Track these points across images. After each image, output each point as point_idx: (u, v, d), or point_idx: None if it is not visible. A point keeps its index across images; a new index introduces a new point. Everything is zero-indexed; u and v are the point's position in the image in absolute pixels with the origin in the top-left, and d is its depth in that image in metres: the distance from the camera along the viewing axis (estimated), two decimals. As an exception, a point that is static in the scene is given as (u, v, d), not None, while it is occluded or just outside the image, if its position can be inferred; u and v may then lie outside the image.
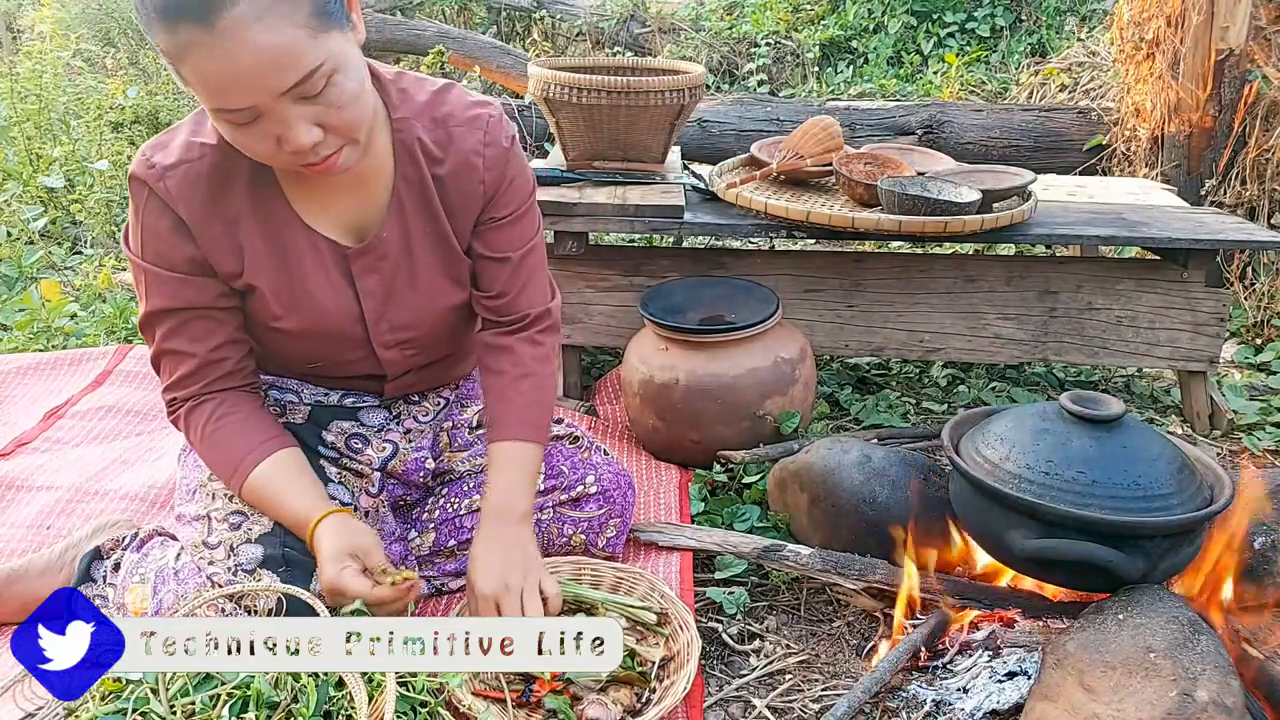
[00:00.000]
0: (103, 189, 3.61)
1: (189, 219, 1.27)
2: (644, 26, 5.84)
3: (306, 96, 1.10)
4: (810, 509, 1.71)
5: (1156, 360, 2.33)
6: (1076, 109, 3.48)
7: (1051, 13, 5.34)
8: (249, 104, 1.08)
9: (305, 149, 1.13)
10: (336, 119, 1.14)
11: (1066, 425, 1.44)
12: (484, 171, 1.37)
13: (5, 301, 2.90)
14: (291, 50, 1.06)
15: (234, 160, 1.25)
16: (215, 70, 1.05)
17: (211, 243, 1.29)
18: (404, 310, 1.41)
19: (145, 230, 1.28)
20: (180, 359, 1.34)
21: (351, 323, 1.39)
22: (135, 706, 1.06)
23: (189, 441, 1.40)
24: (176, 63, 1.06)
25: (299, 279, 1.34)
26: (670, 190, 2.25)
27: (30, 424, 2.14)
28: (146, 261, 1.30)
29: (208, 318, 1.34)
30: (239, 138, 1.14)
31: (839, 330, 2.35)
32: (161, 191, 1.25)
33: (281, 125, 1.11)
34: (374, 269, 1.37)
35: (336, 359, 1.45)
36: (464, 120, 1.36)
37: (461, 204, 1.38)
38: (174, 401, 1.38)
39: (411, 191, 1.36)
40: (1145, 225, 2.19)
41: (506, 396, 1.45)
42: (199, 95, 1.09)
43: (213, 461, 1.38)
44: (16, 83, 3.95)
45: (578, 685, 1.34)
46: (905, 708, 1.40)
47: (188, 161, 1.25)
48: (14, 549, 1.72)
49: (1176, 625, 1.24)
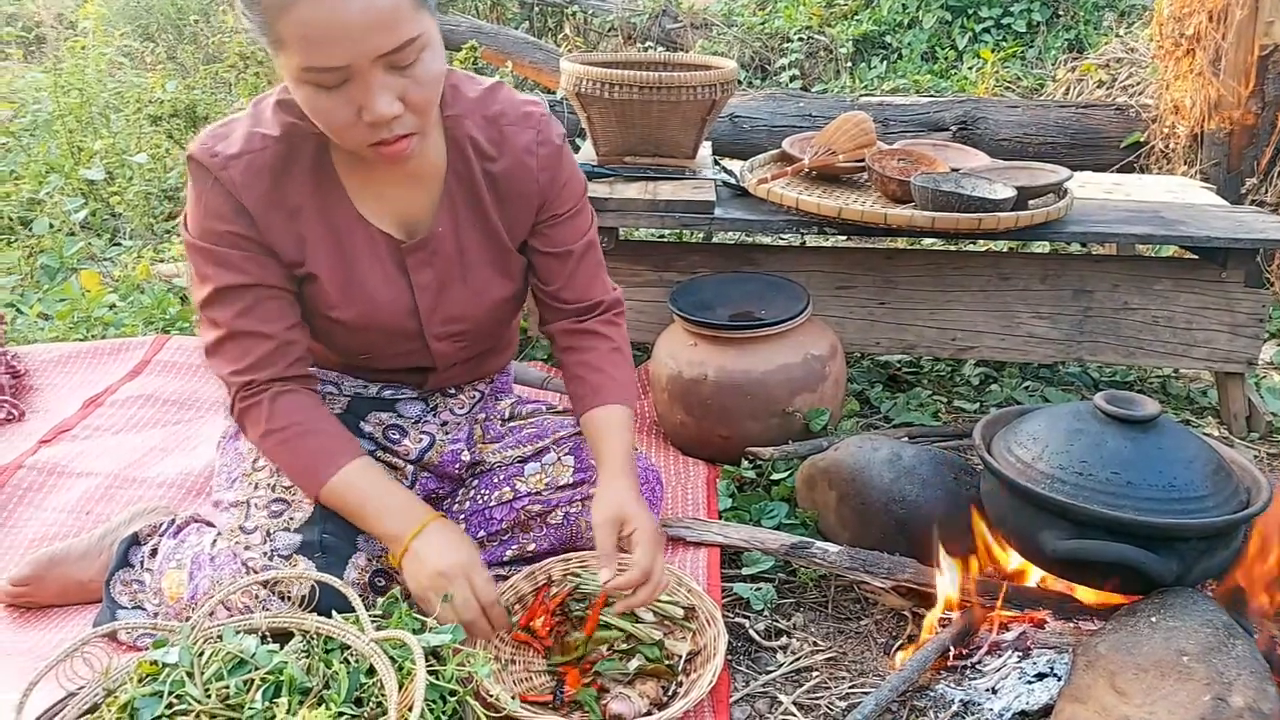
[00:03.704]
0: (141, 181, 3.66)
1: (252, 208, 1.27)
2: (676, 22, 5.83)
3: (397, 67, 1.12)
4: (839, 506, 1.71)
5: (1193, 361, 2.29)
6: (1114, 106, 3.43)
7: (1089, 8, 5.26)
8: (345, 62, 1.09)
9: (385, 120, 1.14)
10: (418, 95, 1.15)
11: (1101, 425, 1.42)
12: (538, 171, 1.39)
13: (47, 291, 2.95)
14: (397, 13, 1.09)
15: (296, 151, 1.27)
16: (323, 20, 1.06)
17: (274, 232, 1.30)
18: (455, 303, 1.44)
19: (209, 213, 1.27)
20: (255, 340, 1.31)
21: (406, 315, 1.41)
22: (171, 689, 1.08)
23: (256, 431, 1.34)
24: (280, 14, 1.07)
25: (356, 271, 1.36)
26: (701, 186, 2.25)
27: (70, 411, 2.18)
28: (210, 242, 1.28)
29: (279, 298, 1.33)
30: (321, 103, 1.14)
31: (870, 327, 2.34)
32: (226, 181, 1.26)
33: (367, 93, 1.12)
34: (428, 263, 1.39)
35: (389, 350, 1.46)
36: (516, 119, 1.38)
37: (514, 201, 1.40)
38: (250, 385, 1.32)
39: (462, 187, 1.38)
40: (1183, 224, 2.16)
41: (602, 367, 1.48)
42: (293, 52, 1.09)
43: (289, 458, 1.34)
44: (60, 78, 4.02)
45: (605, 678, 1.35)
46: (933, 707, 1.39)
47: (251, 152, 1.26)
48: (55, 533, 1.75)
49: (1211, 629, 1.23)
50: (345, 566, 1.36)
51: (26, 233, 3.40)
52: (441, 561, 1.28)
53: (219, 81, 5.03)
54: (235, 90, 4.97)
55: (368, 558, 1.39)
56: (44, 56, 5.69)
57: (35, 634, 1.53)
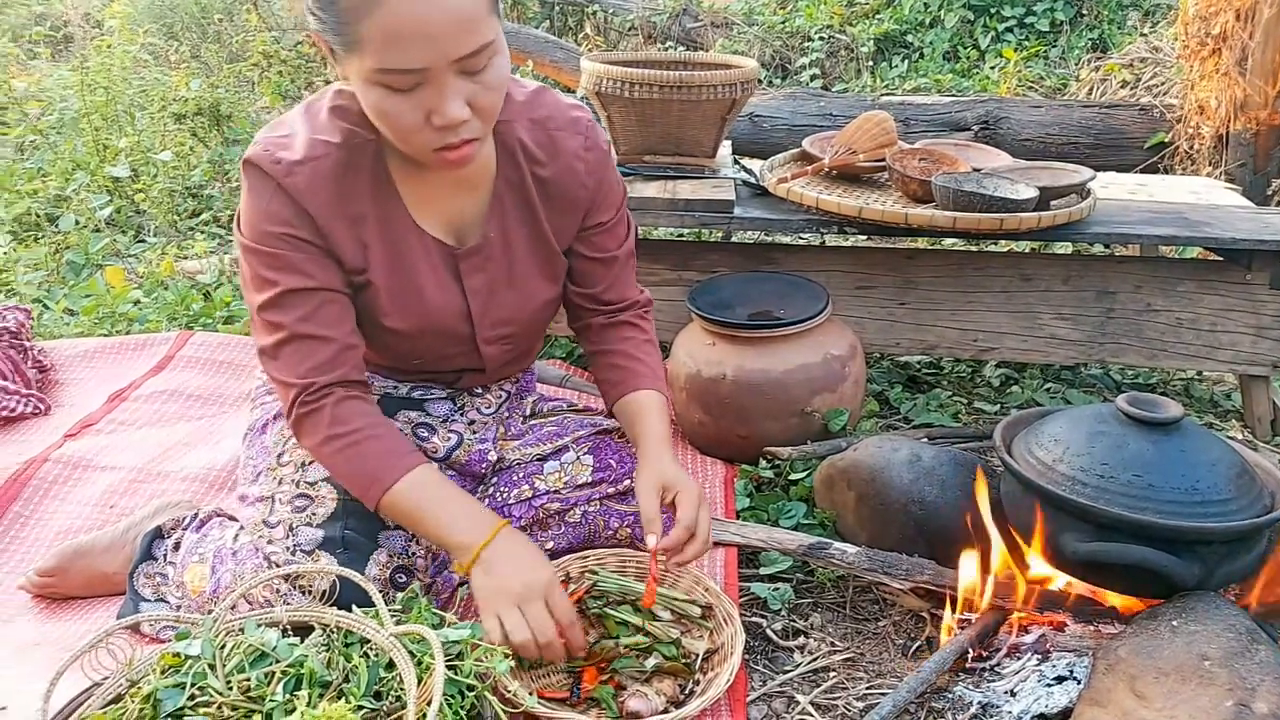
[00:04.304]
0: (166, 179, 3.70)
1: (317, 215, 1.27)
2: (696, 21, 5.83)
3: (469, 72, 1.13)
4: (857, 507, 1.71)
5: (1217, 364, 2.27)
6: (1138, 106, 3.40)
7: (1113, 7, 5.22)
8: (424, 64, 1.10)
9: (455, 124, 1.15)
10: (486, 101, 1.17)
11: (1123, 427, 1.41)
12: (586, 176, 1.40)
13: (72, 287, 2.99)
14: (476, 18, 1.10)
15: (356, 158, 1.28)
16: (408, 20, 1.07)
17: (337, 238, 1.29)
18: (505, 307, 1.45)
19: (271, 218, 1.26)
20: (317, 344, 1.29)
21: (459, 320, 1.42)
22: (193, 681, 1.09)
23: (316, 436, 1.30)
24: (362, 15, 1.07)
25: (412, 278, 1.36)
26: (721, 185, 2.25)
27: (95, 406, 2.20)
28: (270, 246, 1.27)
29: (339, 302, 1.32)
30: (391, 106, 1.14)
31: (890, 327, 2.33)
32: (290, 188, 1.25)
33: (439, 96, 1.13)
34: (481, 269, 1.40)
35: (439, 354, 1.48)
36: (564, 124, 1.39)
37: (563, 205, 1.42)
38: (310, 389, 1.29)
39: (512, 192, 1.39)
40: (1208, 225, 2.14)
41: (637, 356, 1.51)
42: (369, 53, 1.09)
43: (351, 464, 1.31)
44: (87, 76, 4.07)
45: (622, 675, 1.36)
46: (951, 709, 1.38)
47: (314, 159, 1.26)
48: (80, 526, 1.78)
49: (1234, 634, 1.22)
50: (366, 562, 1.38)
51: (53, 229, 3.44)
52: (518, 578, 1.26)
53: (242, 80, 5.08)
54: (258, 89, 5.02)
55: (389, 554, 1.40)
56: (71, 55, 5.75)
57: (61, 625, 1.55)
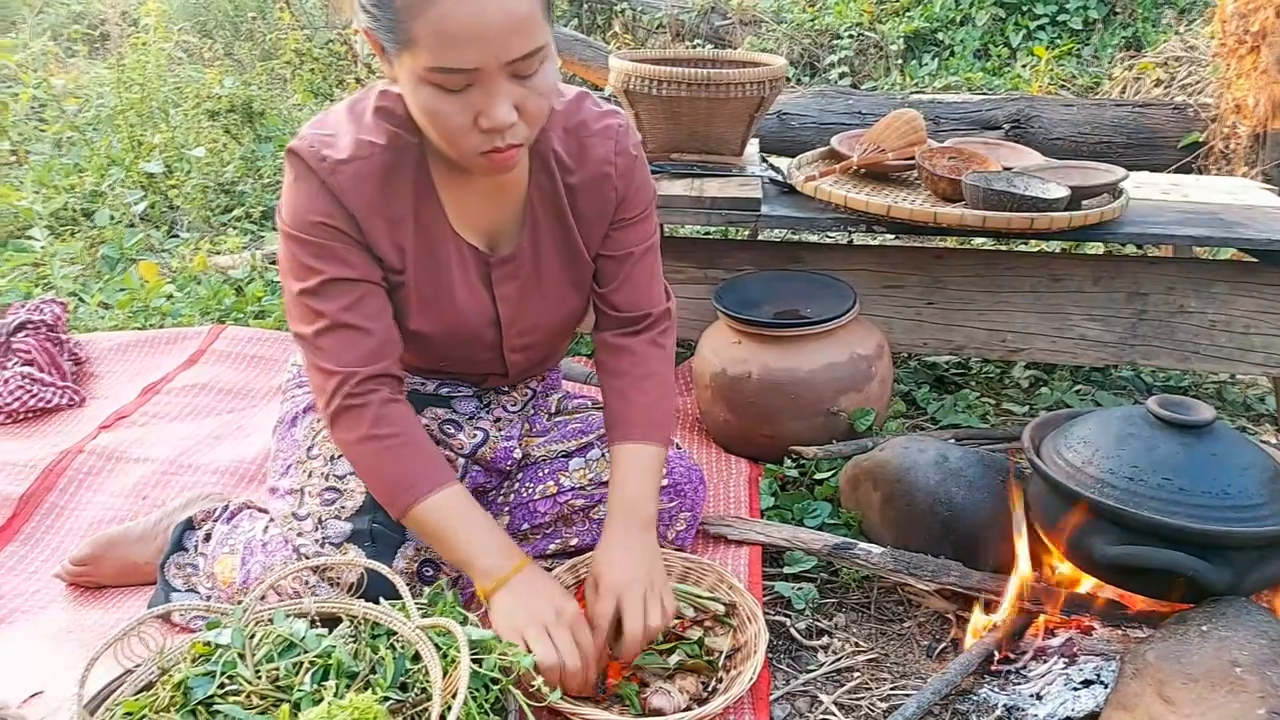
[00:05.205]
0: (199, 175, 3.75)
1: (358, 213, 1.27)
2: (725, 19, 5.82)
3: (520, 75, 1.13)
4: (883, 507, 1.70)
5: (1250, 366, 2.24)
6: (1172, 105, 3.35)
7: (1148, 5, 5.15)
8: (477, 65, 1.09)
9: (502, 127, 1.14)
10: (534, 106, 1.16)
11: (1153, 430, 1.40)
12: (615, 180, 1.39)
13: (107, 281, 3.03)
14: (531, 20, 1.10)
15: (401, 161, 1.28)
16: (464, 19, 1.07)
17: (376, 237, 1.30)
18: (532, 314, 1.45)
19: (314, 209, 1.26)
20: (359, 334, 1.29)
21: (487, 326, 1.43)
22: (223, 670, 1.11)
23: (356, 433, 1.29)
24: (418, 13, 1.07)
25: (444, 282, 1.37)
26: (748, 183, 2.25)
27: (129, 398, 2.24)
28: (314, 235, 1.26)
29: (379, 295, 1.32)
30: (440, 106, 1.14)
31: (918, 327, 2.32)
32: (334, 186, 1.25)
33: (489, 98, 1.13)
34: (512, 276, 1.41)
35: (463, 358, 1.49)
36: (596, 130, 1.38)
37: (593, 212, 1.41)
38: (351, 379, 1.27)
39: (544, 199, 1.39)
40: (1243, 226, 2.11)
41: (629, 397, 1.45)
42: (422, 51, 1.09)
43: (385, 466, 1.30)
44: (123, 73, 4.13)
45: (646, 672, 1.36)
46: (976, 711, 1.38)
47: (360, 159, 1.26)
48: (113, 516, 1.81)
49: (1265, 640, 1.20)
50: (394, 555, 1.39)
51: (89, 224, 3.50)
52: (550, 604, 1.26)
53: (275, 77, 5.13)
54: (290, 86, 5.07)
55: (416, 548, 1.41)
56: (108, 53, 5.84)
57: (95, 613, 1.58)
